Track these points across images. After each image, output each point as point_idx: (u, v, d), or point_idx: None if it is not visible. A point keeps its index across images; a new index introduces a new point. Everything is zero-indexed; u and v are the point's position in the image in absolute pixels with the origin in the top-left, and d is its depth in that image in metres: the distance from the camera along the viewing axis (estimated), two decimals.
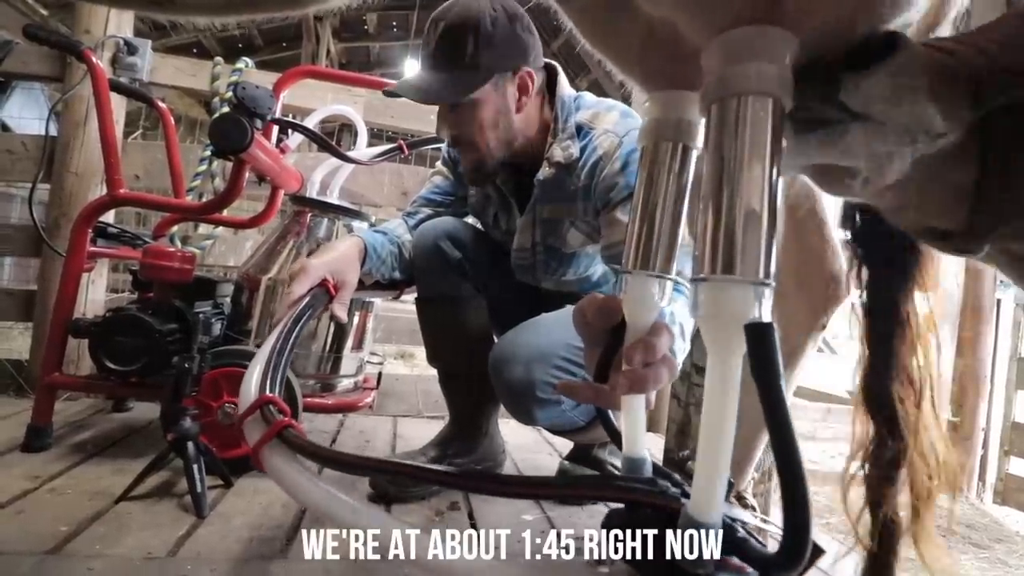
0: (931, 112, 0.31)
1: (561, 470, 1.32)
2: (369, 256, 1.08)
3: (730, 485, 0.34)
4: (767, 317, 0.30)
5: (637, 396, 0.45)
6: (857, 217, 0.55)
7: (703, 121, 0.36)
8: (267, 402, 0.52)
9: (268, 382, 0.56)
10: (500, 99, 1.06)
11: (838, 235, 0.77)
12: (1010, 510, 2.39)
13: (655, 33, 0.40)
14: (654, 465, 0.45)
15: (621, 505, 0.38)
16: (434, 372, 1.34)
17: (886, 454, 0.51)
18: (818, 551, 0.29)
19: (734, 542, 0.33)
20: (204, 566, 0.83)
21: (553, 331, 1.05)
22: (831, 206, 0.78)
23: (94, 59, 1.38)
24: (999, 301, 2.49)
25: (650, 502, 0.36)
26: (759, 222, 0.31)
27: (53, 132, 1.73)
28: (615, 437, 0.49)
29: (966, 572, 1.66)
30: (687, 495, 0.36)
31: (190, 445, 1.02)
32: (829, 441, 2.64)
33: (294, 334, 0.70)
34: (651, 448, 0.51)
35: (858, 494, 0.53)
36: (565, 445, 1.51)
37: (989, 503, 2.43)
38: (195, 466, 1.01)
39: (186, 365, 1.05)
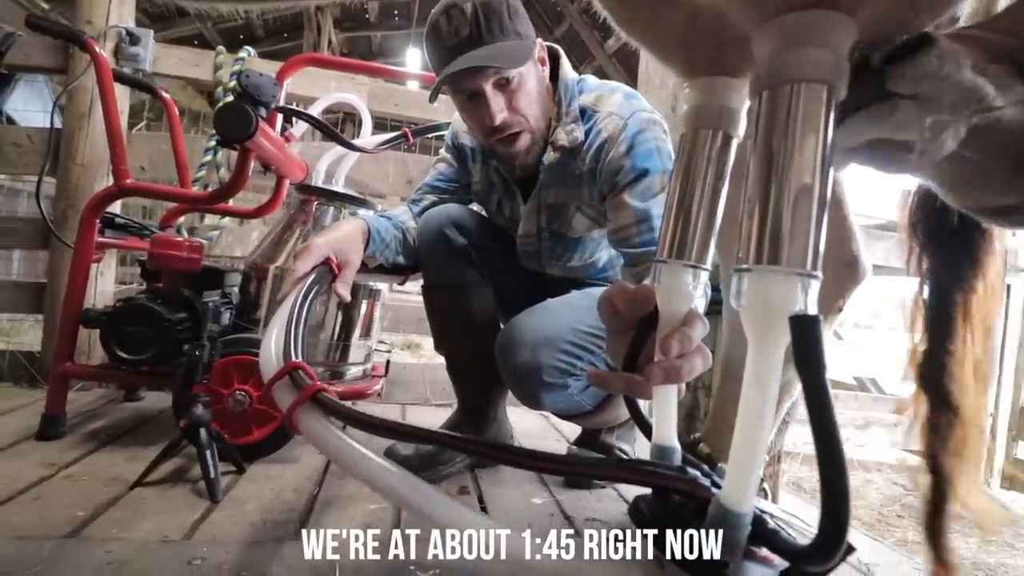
0: (979, 84, 0.31)
1: (570, 454, 1.32)
2: (373, 239, 1.08)
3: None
4: (813, 309, 0.30)
5: (670, 390, 0.45)
6: (919, 202, 0.58)
7: (747, 108, 0.35)
8: (296, 368, 0.52)
9: (292, 349, 0.56)
10: (536, 71, 1.06)
11: (855, 218, 0.77)
12: (1017, 494, 2.38)
13: (698, 19, 0.40)
14: (684, 456, 0.45)
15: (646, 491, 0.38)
16: (441, 360, 1.34)
17: (941, 423, 0.56)
18: (849, 548, 0.29)
19: (764, 533, 0.33)
20: (219, 548, 0.85)
21: (559, 316, 1.05)
22: (848, 190, 0.77)
23: (97, 49, 1.38)
24: (1009, 287, 2.47)
25: (680, 488, 0.36)
26: (808, 213, 0.30)
27: (58, 124, 1.74)
28: (644, 426, 0.49)
29: (973, 555, 1.66)
30: (717, 485, 0.35)
31: (202, 431, 1.04)
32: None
33: (306, 307, 0.70)
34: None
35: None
36: (573, 431, 1.52)
37: (997, 487, 2.43)
38: (208, 452, 1.02)
39: (197, 353, 1.06)
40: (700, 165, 0.43)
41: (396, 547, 0.44)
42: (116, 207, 1.67)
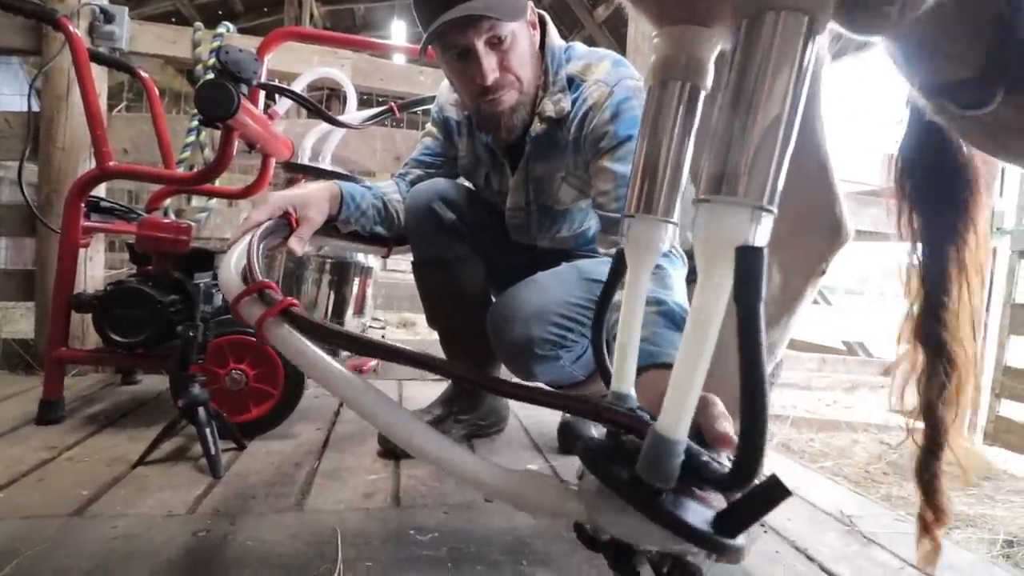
0: None
1: (563, 423, 1.35)
2: (346, 203, 1.06)
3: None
4: (761, 243, 0.30)
5: (632, 338, 0.46)
6: (906, 163, 0.59)
7: (715, 58, 0.35)
8: (265, 287, 0.53)
9: (256, 272, 0.57)
10: (529, 31, 1.04)
11: (840, 182, 0.78)
12: (999, 450, 2.46)
13: None
14: (639, 405, 0.46)
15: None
16: (436, 337, 1.36)
17: (938, 374, 0.59)
18: (783, 491, 0.30)
19: (696, 465, 0.34)
20: (224, 520, 0.87)
21: (549, 289, 1.06)
22: (834, 151, 0.78)
23: (71, 28, 1.34)
24: (995, 248, 2.50)
25: (623, 422, 0.38)
26: (772, 146, 0.30)
27: (35, 108, 1.70)
28: (604, 374, 0.51)
29: (955, 508, 1.73)
30: (718, 463, 0.36)
31: (201, 410, 1.05)
32: (824, 391, 2.70)
33: (262, 244, 0.71)
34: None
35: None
36: None
37: (979, 444, 2.50)
38: (207, 430, 1.04)
39: (191, 333, 1.06)
40: (668, 118, 0.43)
41: (395, 515, 0.46)
42: (101, 191, 1.66)
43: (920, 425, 0.64)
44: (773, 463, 1.41)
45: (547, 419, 1.56)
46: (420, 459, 0.42)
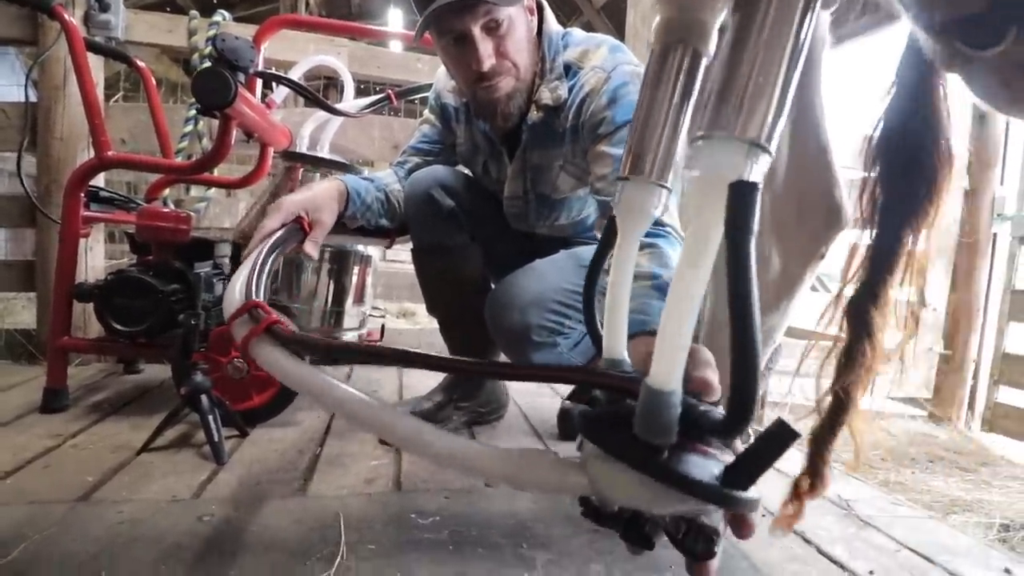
0: None
1: (563, 409, 1.36)
2: (352, 200, 1.06)
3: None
4: (756, 179, 0.30)
5: (620, 303, 0.45)
6: (883, 135, 0.58)
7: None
8: (254, 306, 0.54)
9: (252, 290, 0.58)
10: (526, 17, 1.02)
11: (840, 166, 0.78)
12: (997, 436, 2.47)
13: None
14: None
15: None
16: (436, 326, 1.36)
17: (859, 354, 0.59)
18: (791, 434, 0.29)
19: (694, 416, 0.33)
20: (228, 505, 0.88)
21: (546, 277, 1.06)
22: (834, 135, 0.78)
23: (67, 17, 1.33)
24: (995, 235, 2.50)
25: (610, 384, 0.37)
26: (772, 87, 0.30)
27: (32, 98, 1.69)
28: (596, 341, 0.50)
29: (951, 493, 1.74)
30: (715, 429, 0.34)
31: (203, 398, 1.06)
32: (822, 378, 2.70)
33: (271, 257, 0.71)
34: None
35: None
36: (566, 387, 1.56)
37: (977, 430, 2.52)
38: (210, 417, 1.05)
39: (192, 322, 1.07)
40: (667, 81, 0.42)
41: (396, 499, 0.46)
42: (100, 181, 1.65)
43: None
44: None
45: (547, 406, 1.58)
46: (418, 455, 0.41)
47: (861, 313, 0.58)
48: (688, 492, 0.31)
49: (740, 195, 0.29)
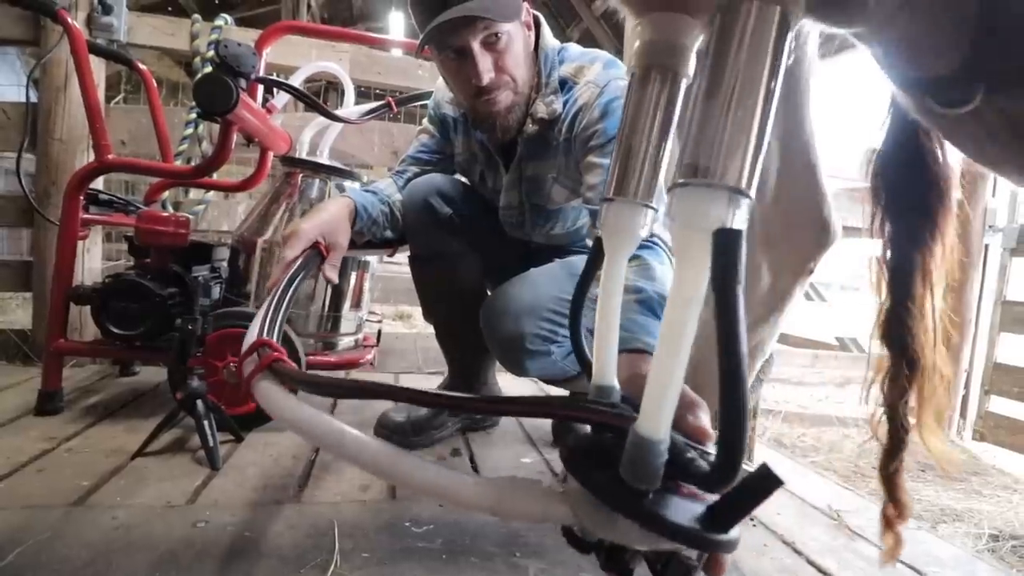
0: None
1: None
2: (360, 216, 1.08)
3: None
4: (739, 227, 0.30)
5: (610, 326, 0.45)
6: (880, 168, 0.60)
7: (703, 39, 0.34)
8: (262, 344, 0.55)
9: (263, 329, 0.59)
10: (524, 32, 1.04)
11: (827, 182, 0.79)
12: (988, 446, 2.49)
13: None
14: (623, 396, 0.45)
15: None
16: (433, 330, 1.37)
17: (900, 375, 0.61)
18: (775, 481, 0.29)
19: (682, 462, 0.33)
20: (223, 511, 0.89)
21: (541, 285, 1.07)
22: (823, 153, 0.79)
23: (70, 19, 1.34)
24: (987, 246, 2.53)
25: (597, 420, 0.37)
26: (748, 131, 0.30)
27: (33, 99, 1.70)
28: (585, 367, 0.49)
29: (942, 502, 1.76)
30: (707, 455, 0.35)
31: (199, 403, 1.07)
32: (816, 386, 2.72)
33: (288, 293, 0.73)
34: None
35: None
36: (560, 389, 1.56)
37: (969, 440, 2.54)
38: (206, 422, 1.06)
39: (189, 327, 1.08)
40: (649, 104, 0.43)
41: (390, 507, 0.46)
42: (99, 183, 1.66)
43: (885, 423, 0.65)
44: (764, 458, 1.43)
45: None
46: (399, 485, 0.41)
47: (895, 339, 0.60)
48: (669, 537, 0.31)
49: (724, 244, 0.29)
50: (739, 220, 0.30)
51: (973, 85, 0.38)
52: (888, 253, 0.62)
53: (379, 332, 1.61)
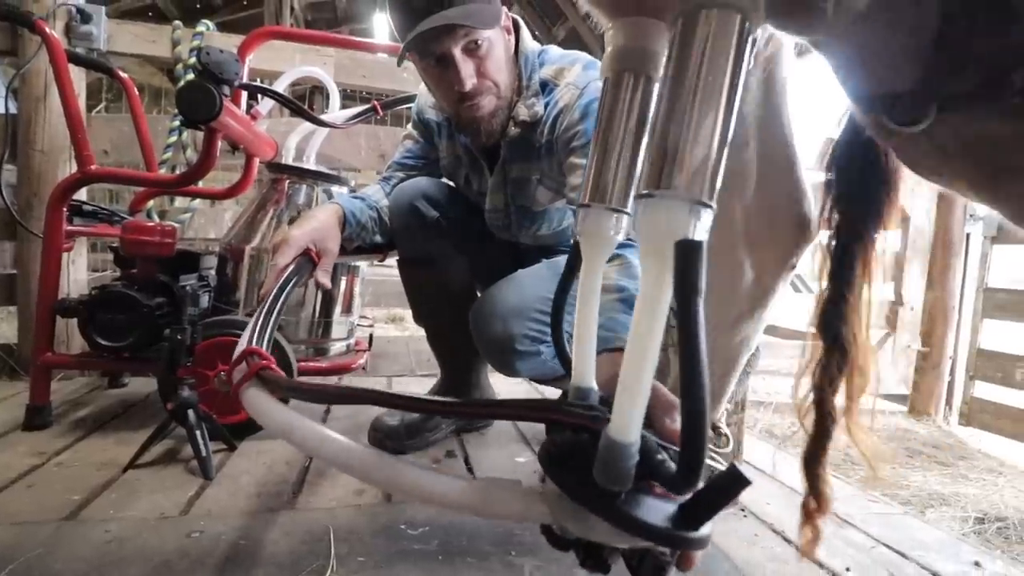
0: None
1: None
2: (349, 223, 1.09)
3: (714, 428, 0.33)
4: (701, 238, 0.30)
5: (588, 329, 0.46)
6: (834, 160, 0.60)
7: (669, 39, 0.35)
8: (250, 353, 0.55)
9: (253, 338, 0.59)
10: (504, 37, 1.05)
11: (808, 178, 0.81)
12: (974, 430, 2.54)
13: None
14: (601, 398, 0.46)
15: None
16: (424, 333, 1.37)
17: (831, 366, 0.60)
18: (742, 482, 0.30)
19: (652, 464, 0.34)
20: (217, 521, 0.89)
21: (528, 286, 1.08)
22: (801, 150, 0.81)
23: (48, 30, 1.33)
24: (968, 235, 2.57)
25: (571, 423, 0.38)
26: (709, 141, 0.31)
27: (13, 110, 1.67)
28: (567, 366, 0.50)
29: (929, 487, 1.79)
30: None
31: (190, 412, 1.06)
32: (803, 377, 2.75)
33: (279, 302, 0.73)
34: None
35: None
36: (555, 395, 1.57)
37: (955, 425, 2.58)
38: (198, 431, 1.05)
39: (178, 337, 1.07)
40: (622, 108, 0.43)
41: (386, 510, 0.46)
42: (82, 193, 1.64)
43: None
44: (754, 449, 1.45)
45: None
46: (382, 488, 0.41)
47: (829, 328, 0.60)
48: (641, 536, 0.32)
49: (685, 254, 0.29)
50: (700, 231, 0.31)
51: (928, 103, 0.38)
52: (833, 242, 0.62)
53: (371, 336, 1.61)
